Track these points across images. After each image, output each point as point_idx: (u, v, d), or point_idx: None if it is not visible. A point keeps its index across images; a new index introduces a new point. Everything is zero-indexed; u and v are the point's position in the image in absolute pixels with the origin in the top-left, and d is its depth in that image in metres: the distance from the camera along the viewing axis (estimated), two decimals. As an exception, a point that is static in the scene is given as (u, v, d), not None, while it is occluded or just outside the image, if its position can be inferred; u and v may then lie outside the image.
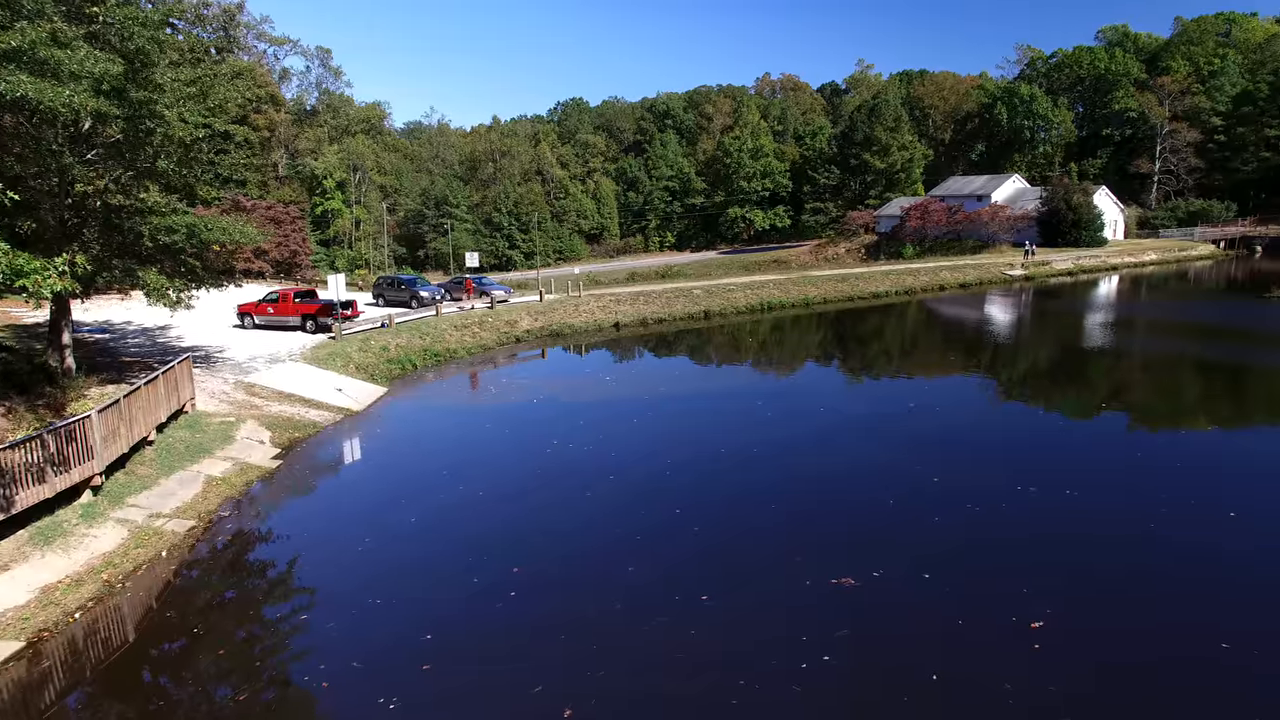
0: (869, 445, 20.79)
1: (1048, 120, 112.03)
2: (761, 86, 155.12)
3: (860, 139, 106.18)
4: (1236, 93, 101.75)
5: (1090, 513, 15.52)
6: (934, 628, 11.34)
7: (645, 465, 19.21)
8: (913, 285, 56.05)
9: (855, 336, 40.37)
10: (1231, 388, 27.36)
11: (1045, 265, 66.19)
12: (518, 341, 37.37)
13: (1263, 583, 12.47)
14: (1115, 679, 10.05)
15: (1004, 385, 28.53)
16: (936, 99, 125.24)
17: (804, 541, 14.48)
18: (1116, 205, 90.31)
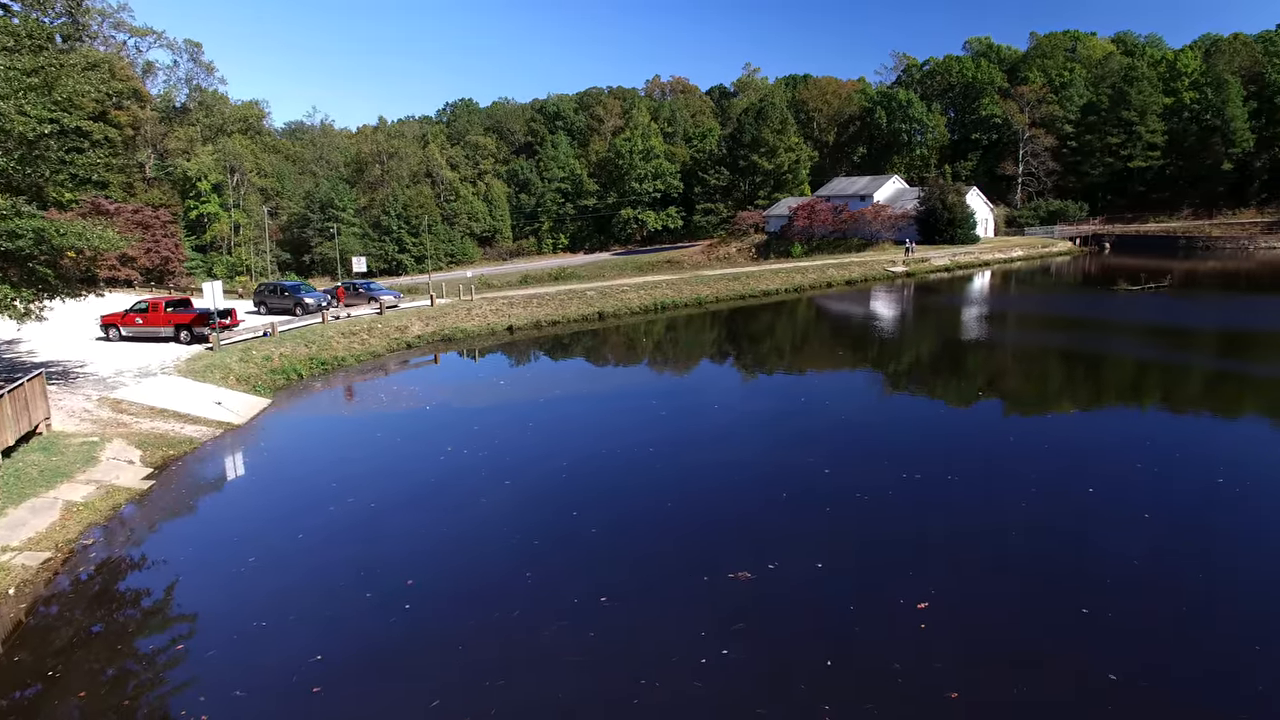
0: (763, 441, 21.27)
1: (923, 124, 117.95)
2: (652, 88, 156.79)
3: (749, 141, 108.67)
4: (1083, 103, 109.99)
5: (968, 496, 16.42)
6: (828, 615, 11.70)
7: (541, 469, 19.05)
8: (802, 283, 57.78)
9: (748, 334, 41.28)
10: (1089, 374, 29.40)
11: (925, 262, 69.46)
12: (409, 347, 36.44)
13: (1117, 552, 13.42)
14: (994, 651, 10.65)
15: (890, 378, 29.73)
16: (820, 102, 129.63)
17: (700, 538, 14.67)
18: (987, 205, 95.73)
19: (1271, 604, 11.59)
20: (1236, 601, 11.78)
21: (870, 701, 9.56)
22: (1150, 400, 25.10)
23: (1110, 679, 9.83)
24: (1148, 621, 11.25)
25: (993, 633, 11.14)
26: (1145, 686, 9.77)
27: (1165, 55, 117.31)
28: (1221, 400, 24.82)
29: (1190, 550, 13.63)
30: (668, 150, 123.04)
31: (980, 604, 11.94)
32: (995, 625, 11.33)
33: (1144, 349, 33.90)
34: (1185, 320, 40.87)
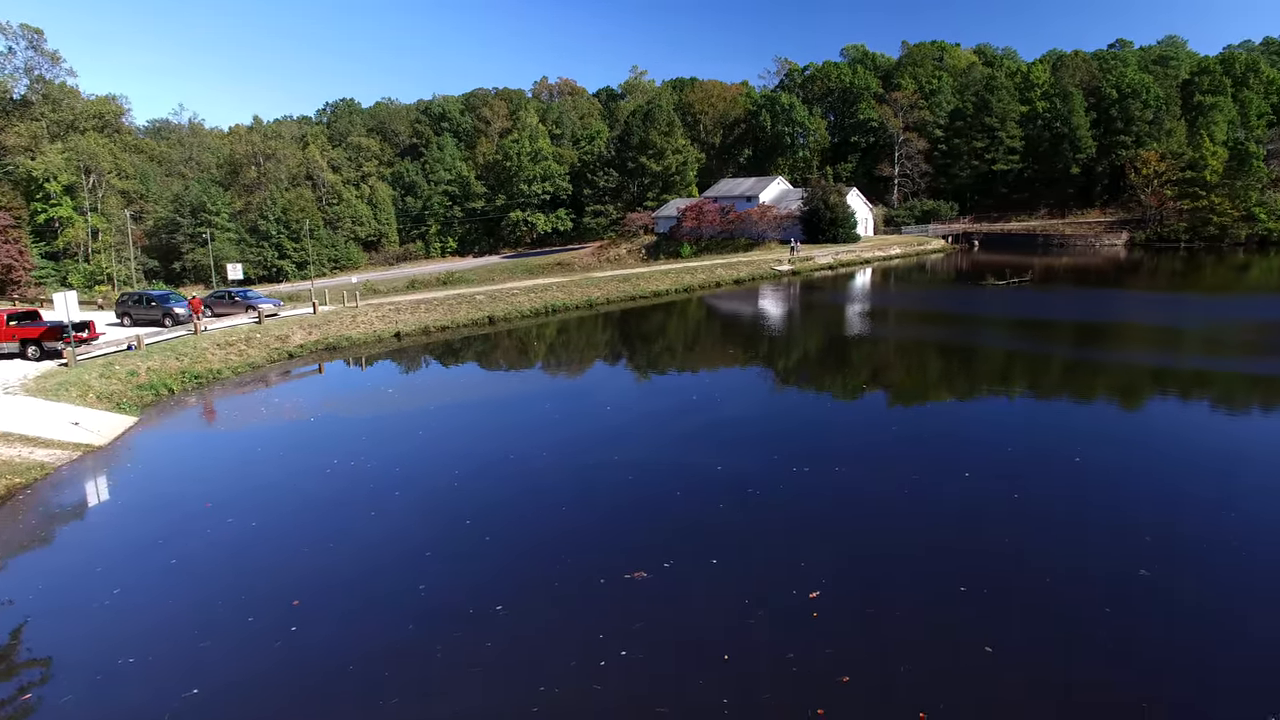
0: (656, 440, 21.48)
1: (805, 127, 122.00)
2: (539, 90, 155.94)
3: (637, 143, 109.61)
4: (951, 109, 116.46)
5: (855, 486, 17.05)
6: (724, 610, 11.90)
7: (432, 478, 18.65)
8: (691, 283, 58.72)
9: (639, 335, 41.64)
10: (963, 365, 31.11)
11: (809, 260, 71.83)
12: (290, 357, 34.94)
13: (991, 532, 14.25)
14: (883, 635, 11.07)
15: (779, 374, 30.56)
16: (706, 105, 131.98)
17: (596, 540, 14.69)
18: (866, 205, 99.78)
19: (1128, 566, 12.57)
20: (1099, 569, 12.72)
21: (767, 692, 9.80)
22: (1017, 388, 26.76)
23: (987, 651, 10.47)
24: (1020, 596, 12.00)
25: (881, 617, 11.60)
26: (1020, 656, 10.42)
27: (1020, 67, 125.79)
28: (1077, 386, 26.72)
29: (1056, 526, 14.60)
30: (556, 152, 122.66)
31: (869, 590, 12.43)
32: (883, 609, 11.80)
33: (1011, 340, 36.20)
34: (1045, 313, 44.01)
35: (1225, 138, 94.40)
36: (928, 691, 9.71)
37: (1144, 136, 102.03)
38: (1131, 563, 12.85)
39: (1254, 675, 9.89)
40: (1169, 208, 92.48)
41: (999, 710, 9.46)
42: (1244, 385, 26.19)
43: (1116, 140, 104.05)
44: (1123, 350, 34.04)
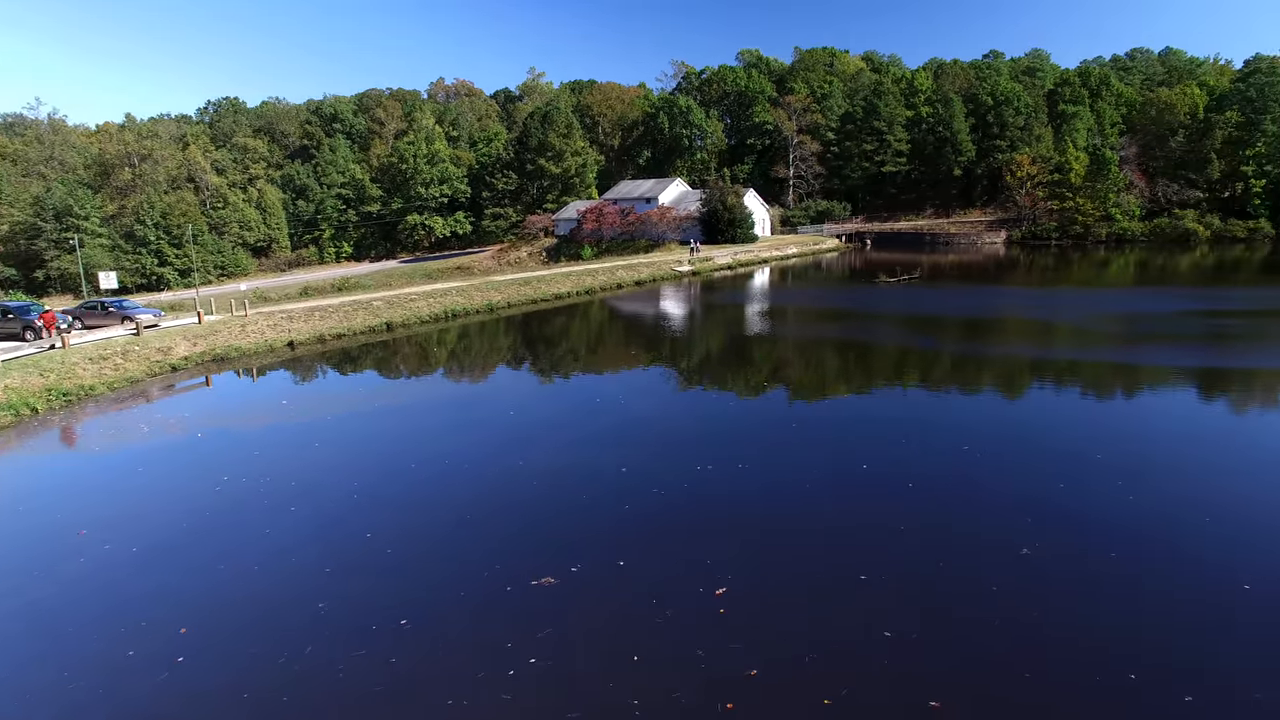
0: (560, 444, 21.36)
1: (703, 129, 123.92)
2: (435, 91, 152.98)
3: (535, 145, 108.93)
4: (842, 113, 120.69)
5: (758, 482, 17.37)
6: (632, 611, 11.95)
7: (329, 491, 17.94)
8: (593, 285, 58.73)
9: (542, 338, 41.36)
10: (859, 360, 32.23)
11: (709, 261, 72.96)
12: (174, 370, 33.06)
13: (888, 522, 14.78)
14: (788, 627, 11.34)
15: (682, 373, 30.87)
16: (604, 107, 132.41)
17: (502, 547, 14.46)
18: (763, 206, 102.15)
19: (1013, 547, 13.33)
20: (990, 551, 13.42)
21: (677, 689, 9.91)
22: (911, 381, 27.89)
23: (886, 635, 10.90)
24: (917, 582, 12.52)
25: (786, 609, 11.89)
26: (919, 640, 10.85)
27: (905, 74, 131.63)
28: (965, 378, 28.10)
29: (949, 512, 15.30)
30: (454, 154, 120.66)
31: (774, 583, 12.71)
32: (788, 602, 12.10)
33: (903, 336, 37.73)
34: (934, 309, 46.10)
35: (1086, 144, 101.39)
36: (833, 679, 10.03)
37: (1017, 141, 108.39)
38: (1016, 543, 13.67)
39: (1120, 643, 10.66)
40: (1041, 208, 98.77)
41: (901, 693, 9.82)
42: (1109, 373, 28.17)
43: (993, 144, 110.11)
44: (1005, 344, 36.14)
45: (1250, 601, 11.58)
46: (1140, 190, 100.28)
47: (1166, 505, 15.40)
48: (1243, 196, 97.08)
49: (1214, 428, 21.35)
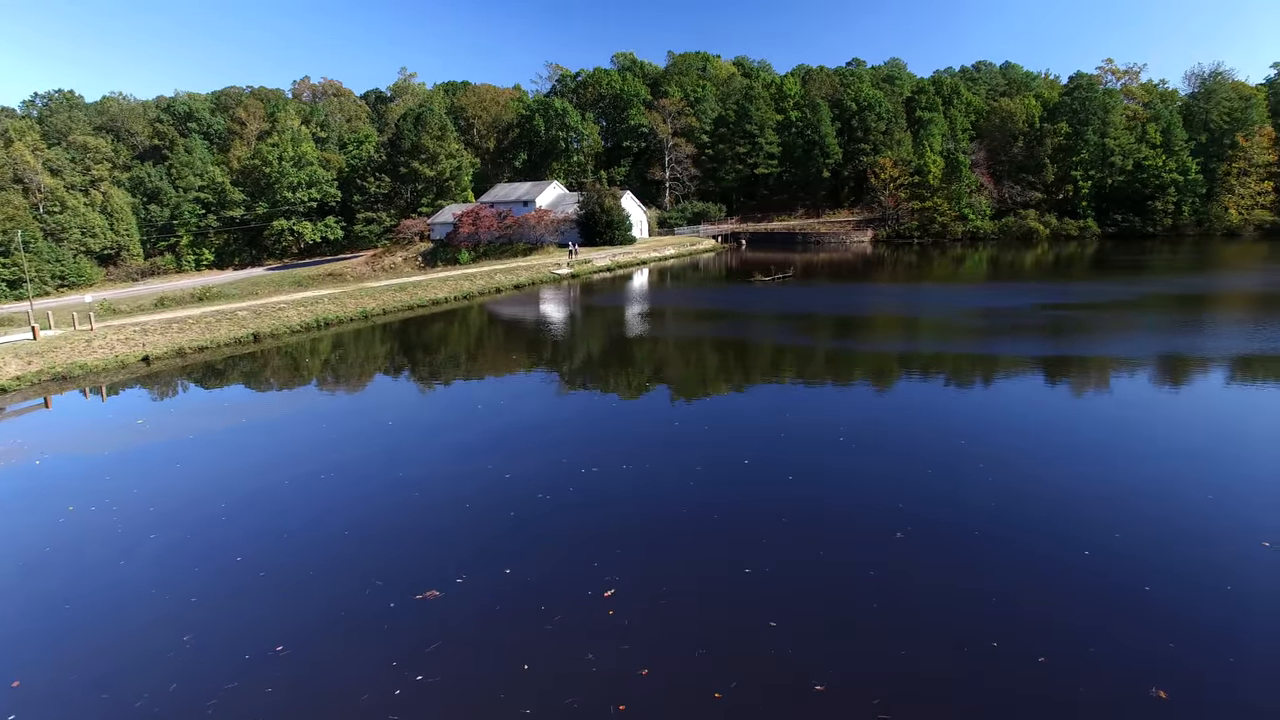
0: (441, 452, 21.02)
1: (579, 132, 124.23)
2: (300, 90, 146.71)
3: (408, 147, 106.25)
4: (715, 116, 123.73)
5: (641, 483, 17.59)
6: (521, 619, 11.87)
7: (194, 515, 16.87)
8: (471, 290, 57.90)
9: (420, 345, 40.48)
10: (738, 358, 33.15)
11: (588, 263, 73.20)
12: (4, 392, 30.36)
13: (770, 516, 15.33)
14: (676, 625, 11.56)
15: (563, 376, 30.89)
16: (479, 109, 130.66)
17: (383, 563, 14.05)
18: (640, 208, 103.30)
19: (889, 533, 14.11)
20: (866, 537, 14.14)
21: (570, 695, 9.94)
22: (787, 377, 28.95)
23: (771, 625, 11.31)
24: (800, 570, 13.06)
25: (675, 607, 12.11)
26: (803, 629, 11.29)
27: (774, 79, 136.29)
28: (837, 372, 29.41)
29: (827, 503, 15.99)
30: (322, 157, 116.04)
31: (661, 582, 12.90)
32: (676, 600, 12.32)
33: (779, 334, 39.08)
34: (808, 307, 48.02)
35: (941, 148, 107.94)
36: (722, 673, 10.31)
37: (880, 145, 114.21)
38: (891, 528, 14.51)
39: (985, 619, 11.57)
40: (903, 208, 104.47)
41: (788, 680, 10.20)
42: (968, 364, 30.24)
43: (858, 148, 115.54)
44: (875, 339, 38.06)
45: (1088, 566, 12.80)
46: (989, 192, 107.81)
47: (1024, 484, 16.72)
48: (1073, 198, 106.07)
49: (1060, 411, 23.27)
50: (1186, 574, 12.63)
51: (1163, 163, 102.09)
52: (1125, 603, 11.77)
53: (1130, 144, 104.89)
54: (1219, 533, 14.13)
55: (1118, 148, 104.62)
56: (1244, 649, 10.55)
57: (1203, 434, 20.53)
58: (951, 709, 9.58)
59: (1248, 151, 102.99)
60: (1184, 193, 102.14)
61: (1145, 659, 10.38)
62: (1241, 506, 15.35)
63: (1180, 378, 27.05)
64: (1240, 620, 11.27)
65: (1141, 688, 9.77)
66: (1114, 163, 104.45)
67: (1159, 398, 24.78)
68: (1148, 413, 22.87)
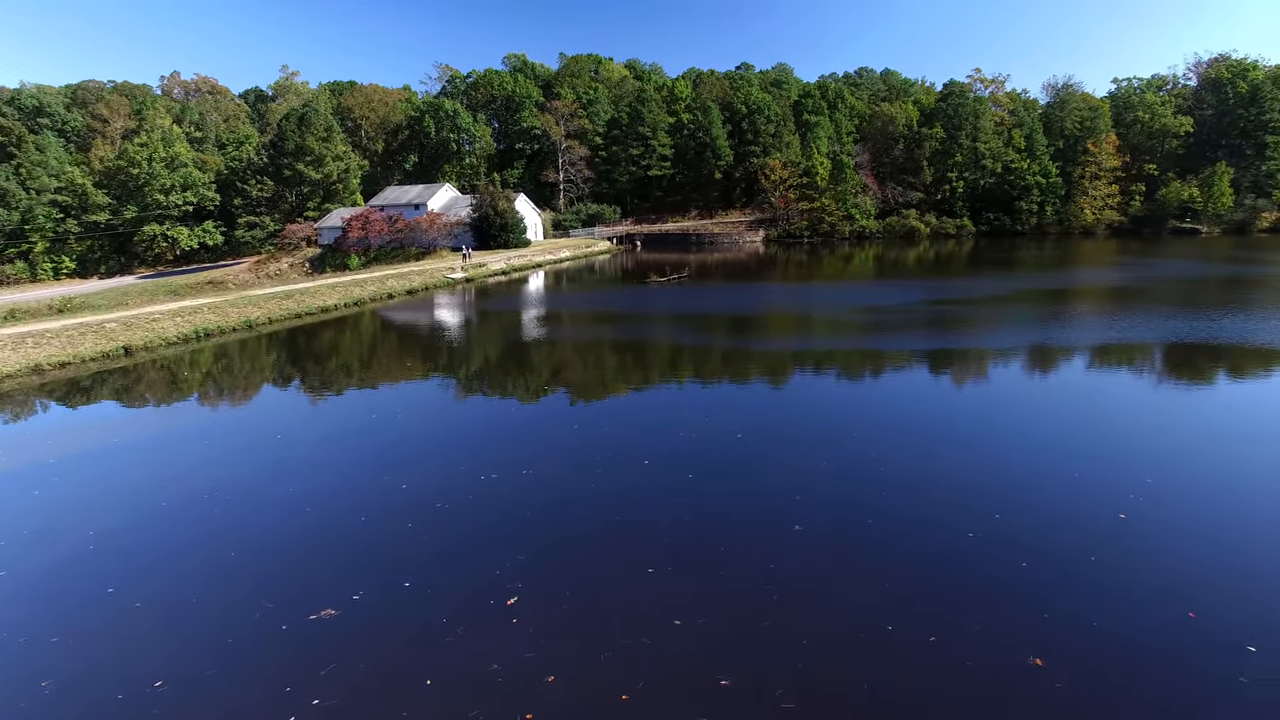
0: (334, 466, 20.29)
1: (471, 134, 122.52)
2: (170, 86, 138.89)
3: (292, 149, 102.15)
4: (608, 118, 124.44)
5: (540, 488, 17.50)
6: (422, 633, 11.66)
7: (59, 546, 15.69)
8: (362, 296, 56.22)
9: (310, 354, 39.02)
10: (636, 359, 33.37)
11: (482, 267, 72.26)
12: None
13: (671, 515, 15.51)
14: (579, 628, 11.56)
15: (461, 383, 30.38)
16: (367, 110, 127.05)
17: (273, 584, 13.50)
18: (535, 210, 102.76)
19: (787, 528, 14.53)
20: (765, 538, 14.45)
21: (475, 708, 9.83)
22: (685, 377, 29.36)
23: (676, 623, 11.49)
24: (702, 569, 13.28)
25: (578, 611, 12.11)
26: (705, 628, 11.49)
27: (666, 82, 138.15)
28: (734, 371, 29.99)
29: (728, 500, 16.32)
30: (198, 158, 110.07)
31: (564, 587, 12.88)
32: (579, 604, 12.33)
33: (676, 334, 39.58)
34: (703, 307, 48.86)
35: (827, 150, 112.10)
36: (629, 675, 10.40)
37: (769, 147, 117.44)
38: (790, 520, 14.99)
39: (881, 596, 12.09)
40: (793, 209, 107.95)
41: (693, 678, 10.38)
42: (859, 359, 31.39)
43: (749, 150, 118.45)
44: (769, 337, 39.06)
45: (971, 549, 13.62)
46: (874, 192, 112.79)
47: (912, 473, 17.54)
48: (950, 199, 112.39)
49: (943, 402, 24.47)
50: (1056, 549, 13.61)
51: (1027, 166, 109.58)
52: (1005, 579, 12.60)
53: (999, 148, 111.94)
54: (1083, 509, 15.29)
55: (988, 151, 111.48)
56: (1106, 614, 11.49)
57: (1067, 418, 22.07)
58: (850, 694, 9.99)
59: (1097, 157, 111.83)
60: (1046, 194, 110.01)
61: (1023, 630, 11.15)
62: (1101, 484, 16.65)
63: (1047, 367, 28.98)
64: (1102, 588, 12.26)
65: (1021, 657, 10.51)
66: (985, 165, 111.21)
67: (1029, 386, 26.46)
68: (1019, 401, 24.42)
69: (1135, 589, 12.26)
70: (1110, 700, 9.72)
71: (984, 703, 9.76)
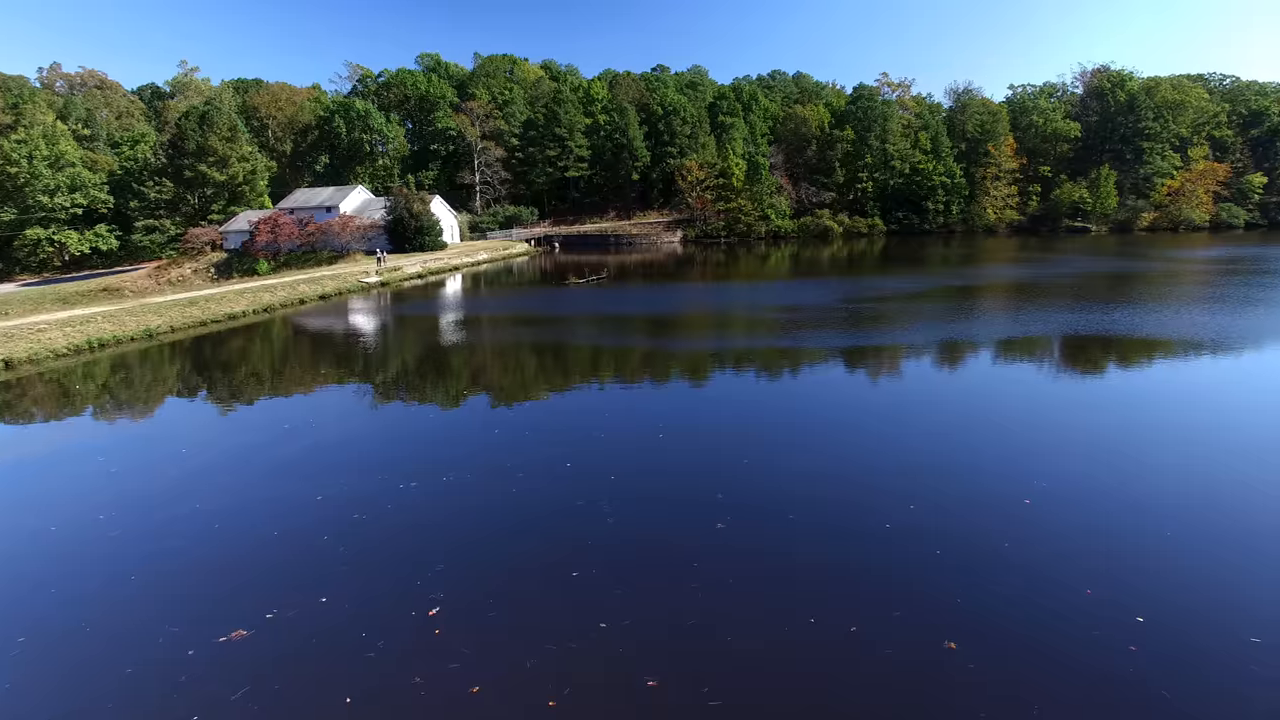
0: (242, 479, 19.43)
1: (384, 135, 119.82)
2: (51, 79, 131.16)
3: (193, 149, 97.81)
4: (524, 119, 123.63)
5: (462, 493, 17.22)
6: (340, 649, 11.30)
7: None
8: (272, 302, 54.27)
9: (217, 364, 37.39)
10: (556, 361, 33.17)
11: (398, 270, 70.74)
12: None
13: (590, 516, 15.44)
14: (502, 637, 11.38)
15: (378, 389, 29.59)
16: (274, 109, 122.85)
17: (178, 607, 12.82)
18: (451, 213, 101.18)
19: (709, 526, 14.63)
20: (689, 530, 14.55)
21: None
22: (606, 378, 29.30)
23: (601, 626, 11.45)
24: (622, 570, 13.27)
25: (501, 618, 11.94)
26: (630, 624, 11.51)
27: (582, 83, 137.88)
28: (653, 370, 30.08)
29: (650, 499, 16.33)
30: (88, 157, 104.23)
31: (487, 595, 12.67)
32: (503, 612, 12.14)
33: (596, 336, 39.52)
34: (622, 308, 48.97)
35: (743, 152, 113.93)
36: (556, 680, 10.32)
37: (686, 148, 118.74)
38: (712, 519, 15.12)
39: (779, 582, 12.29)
40: (710, 209, 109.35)
41: (620, 679, 10.37)
42: (776, 356, 31.95)
43: (666, 151, 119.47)
44: (688, 337, 39.38)
45: (889, 538, 14.02)
46: (788, 193, 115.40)
47: (830, 467, 17.99)
48: (862, 199, 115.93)
49: (858, 396, 25.15)
50: (967, 536, 14.16)
51: (933, 167, 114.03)
52: (921, 567, 13.03)
53: (906, 150, 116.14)
54: (992, 495, 16.04)
55: (896, 153, 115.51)
56: (1013, 595, 12.05)
57: (975, 410, 23.01)
58: (776, 687, 10.13)
59: (997, 159, 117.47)
60: (951, 194, 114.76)
61: (938, 615, 11.56)
62: (1007, 471, 17.47)
63: (956, 361, 30.13)
64: (1010, 570, 12.86)
65: (937, 641, 10.91)
66: (894, 166, 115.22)
67: (940, 380, 27.44)
68: (931, 395, 25.28)
69: (1039, 570, 12.87)
70: (1016, 677, 10.21)
71: (902, 691, 10.06)
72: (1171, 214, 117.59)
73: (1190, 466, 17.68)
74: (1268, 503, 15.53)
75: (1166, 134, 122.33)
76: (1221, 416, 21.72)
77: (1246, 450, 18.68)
